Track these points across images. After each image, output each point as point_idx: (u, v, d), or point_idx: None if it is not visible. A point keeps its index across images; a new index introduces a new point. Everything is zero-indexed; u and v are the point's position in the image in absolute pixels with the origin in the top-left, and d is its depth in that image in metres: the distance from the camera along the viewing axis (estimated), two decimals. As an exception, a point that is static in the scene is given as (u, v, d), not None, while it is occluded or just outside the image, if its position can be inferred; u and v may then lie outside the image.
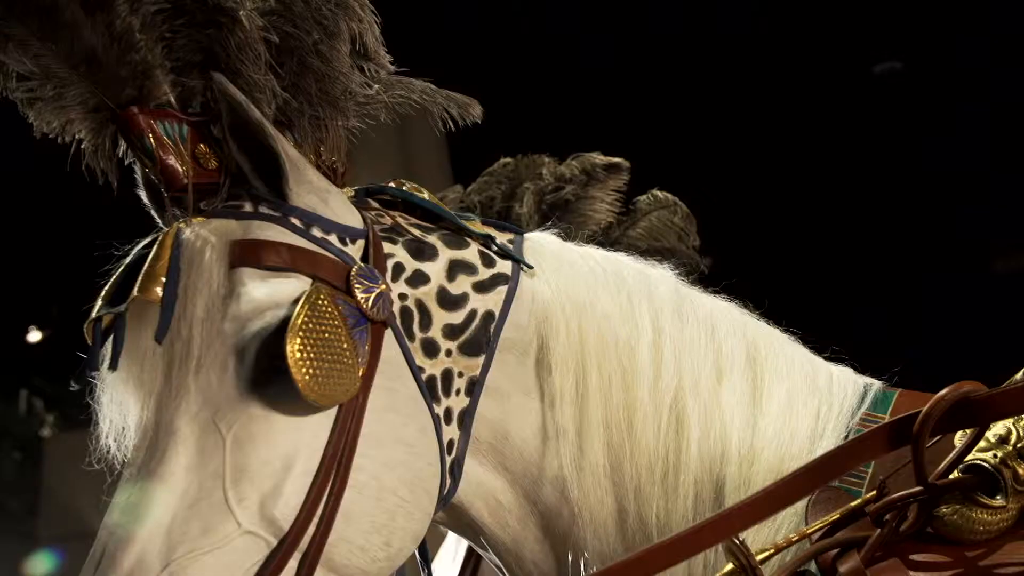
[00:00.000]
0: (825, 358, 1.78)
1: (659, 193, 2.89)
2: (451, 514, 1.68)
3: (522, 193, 2.88)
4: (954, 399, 1.43)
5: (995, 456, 1.48)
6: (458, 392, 1.62)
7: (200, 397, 1.45)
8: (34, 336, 10.95)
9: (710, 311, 1.77)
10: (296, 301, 1.45)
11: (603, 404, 1.66)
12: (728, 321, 1.76)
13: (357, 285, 1.52)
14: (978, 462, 1.48)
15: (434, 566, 3.02)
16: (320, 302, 1.46)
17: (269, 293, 1.48)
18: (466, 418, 1.62)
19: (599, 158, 2.86)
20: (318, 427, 1.46)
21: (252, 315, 1.47)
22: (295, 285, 1.49)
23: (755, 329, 1.77)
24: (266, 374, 1.45)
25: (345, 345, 1.46)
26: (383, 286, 1.54)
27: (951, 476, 1.48)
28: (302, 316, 1.43)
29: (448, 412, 1.61)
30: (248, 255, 1.50)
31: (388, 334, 1.56)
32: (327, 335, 1.44)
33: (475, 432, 1.63)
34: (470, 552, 2.96)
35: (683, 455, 1.64)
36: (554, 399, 1.66)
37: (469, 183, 3.12)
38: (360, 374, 1.48)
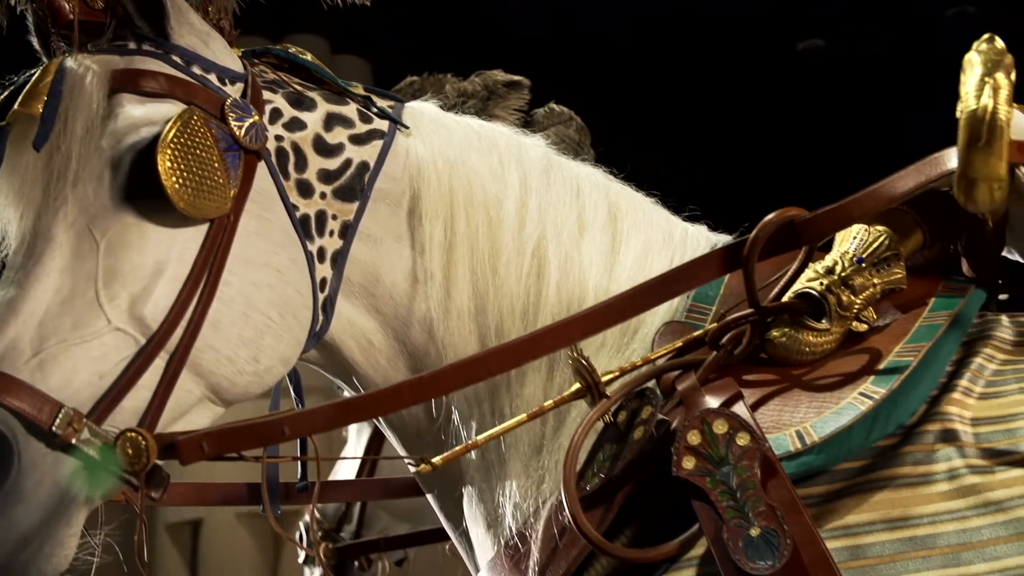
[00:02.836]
0: (683, 218, 1.90)
1: (556, 107, 2.99)
2: (324, 353, 1.77)
3: (425, 109, 2.96)
4: (780, 221, 1.54)
5: (822, 284, 1.60)
6: (332, 233, 1.71)
7: (77, 207, 1.54)
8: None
9: (577, 174, 1.88)
10: (170, 119, 1.54)
11: (469, 251, 1.76)
12: (593, 183, 1.87)
13: (231, 114, 1.61)
14: (807, 290, 1.61)
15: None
16: (193, 121, 1.55)
17: (145, 113, 1.57)
18: (339, 259, 1.71)
19: (500, 75, 2.96)
20: (189, 239, 1.55)
21: (128, 131, 1.56)
22: (170, 108, 1.58)
23: (618, 191, 1.88)
24: (140, 185, 1.54)
25: (216, 164, 1.55)
26: (256, 117, 1.63)
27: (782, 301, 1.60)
28: (174, 130, 1.52)
29: (321, 251, 1.70)
30: (127, 81, 1.59)
31: (262, 167, 1.65)
32: (198, 152, 1.54)
33: (348, 273, 1.72)
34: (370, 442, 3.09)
35: (543, 296, 1.74)
36: (424, 246, 1.76)
37: None
38: (231, 195, 1.57)
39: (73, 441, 1.43)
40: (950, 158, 1.46)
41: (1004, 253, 1.72)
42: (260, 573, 6.58)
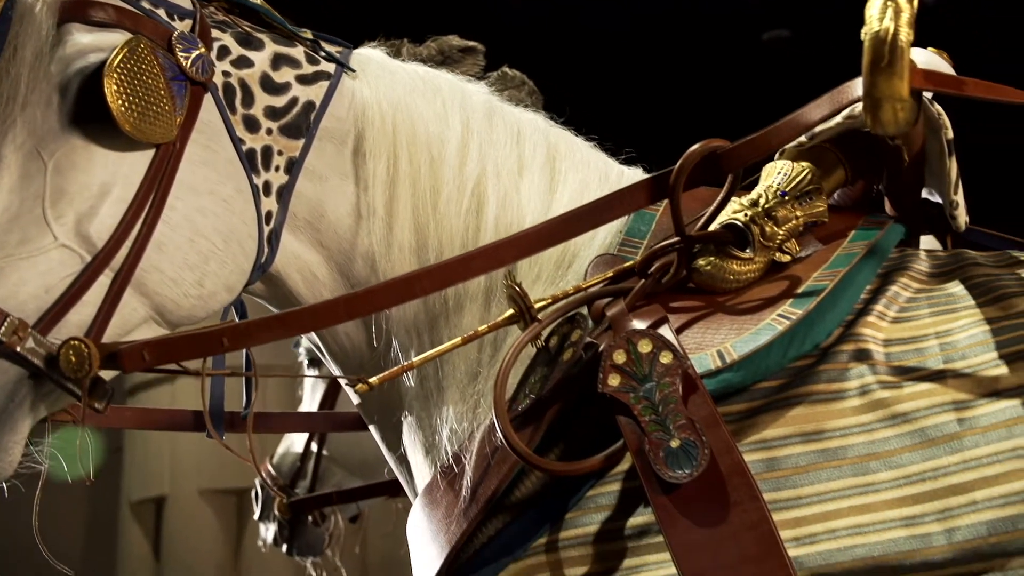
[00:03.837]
0: (620, 161, 1.97)
1: (508, 71, 3.04)
2: (269, 285, 1.83)
3: (381, 72, 3.01)
4: (703, 152, 1.61)
5: (746, 215, 1.67)
6: (277, 168, 1.76)
7: (25, 130, 1.58)
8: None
9: (519, 119, 1.94)
10: (117, 46, 1.59)
11: (411, 188, 1.81)
12: (533, 127, 1.93)
13: (178, 45, 1.66)
14: (732, 221, 1.67)
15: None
16: (140, 49, 1.60)
17: (93, 40, 1.62)
18: (284, 193, 1.77)
19: (456, 41, 3.00)
20: (136, 163, 1.60)
21: (76, 56, 1.61)
22: (118, 37, 1.63)
23: (558, 134, 1.95)
24: (87, 109, 1.59)
25: (163, 92, 1.61)
26: (203, 50, 1.68)
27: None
28: (120, 56, 1.57)
29: (267, 185, 1.75)
30: (76, 11, 1.63)
31: (208, 100, 1.70)
32: (145, 78, 1.59)
33: (293, 208, 1.78)
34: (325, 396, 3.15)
35: (482, 231, 1.80)
36: (367, 183, 1.81)
37: None
38: (177, 123, 1.62)
39: (18, 349, 1.48)
40: (859, 85, 1.53)
41: (925, 194, 1.80)
42: (223, 548, 6.62)
